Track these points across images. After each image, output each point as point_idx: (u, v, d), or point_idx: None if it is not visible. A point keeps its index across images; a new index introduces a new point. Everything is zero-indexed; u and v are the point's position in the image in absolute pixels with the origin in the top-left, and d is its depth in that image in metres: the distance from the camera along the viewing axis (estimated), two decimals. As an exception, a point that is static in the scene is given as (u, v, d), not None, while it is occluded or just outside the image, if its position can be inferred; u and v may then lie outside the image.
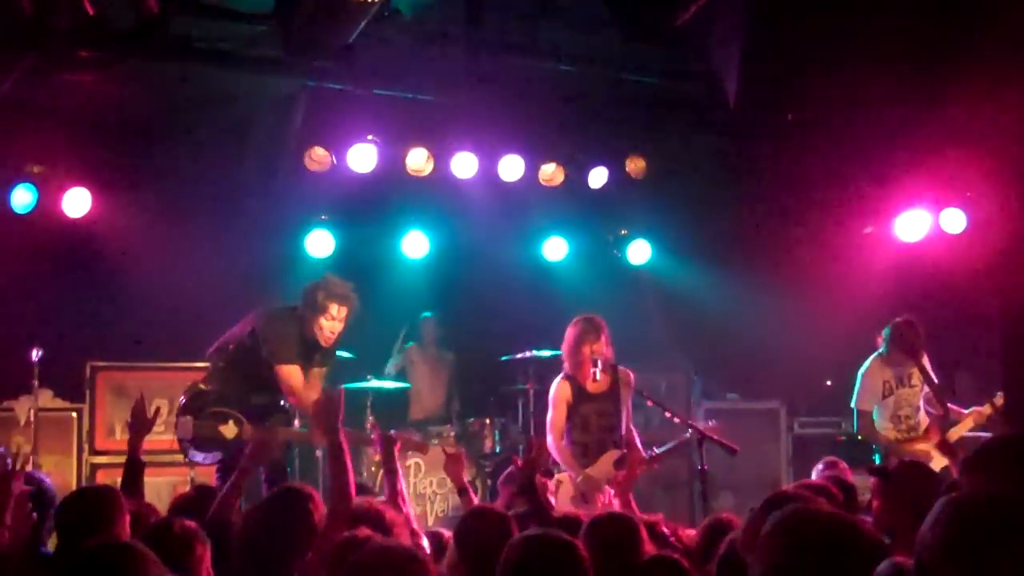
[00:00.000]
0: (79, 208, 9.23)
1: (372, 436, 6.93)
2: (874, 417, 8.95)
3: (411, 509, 6.02)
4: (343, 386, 9.67)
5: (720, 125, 9.60)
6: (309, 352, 7.87)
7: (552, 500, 7.47)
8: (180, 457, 8.07)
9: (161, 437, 8.18)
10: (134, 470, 6.13)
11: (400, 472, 6.13)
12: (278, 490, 5.14)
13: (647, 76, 9.17)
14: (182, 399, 7.86)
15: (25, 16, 6.68)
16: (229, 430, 7.80)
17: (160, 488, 8.99)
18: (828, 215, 10.80)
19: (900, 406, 8.93)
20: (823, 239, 10.92)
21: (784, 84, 8.84)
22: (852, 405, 9.09)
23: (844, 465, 7.62)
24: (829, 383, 11.45)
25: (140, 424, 6.32)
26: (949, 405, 8.87)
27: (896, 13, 8.28)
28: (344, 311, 7.83)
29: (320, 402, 5.35)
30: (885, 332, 8.96)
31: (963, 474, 4.04)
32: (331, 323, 7.81)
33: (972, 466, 3.96)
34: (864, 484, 6.39)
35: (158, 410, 6.46)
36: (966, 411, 8.85)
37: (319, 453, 9.36)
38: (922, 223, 10.48)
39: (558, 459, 8.09)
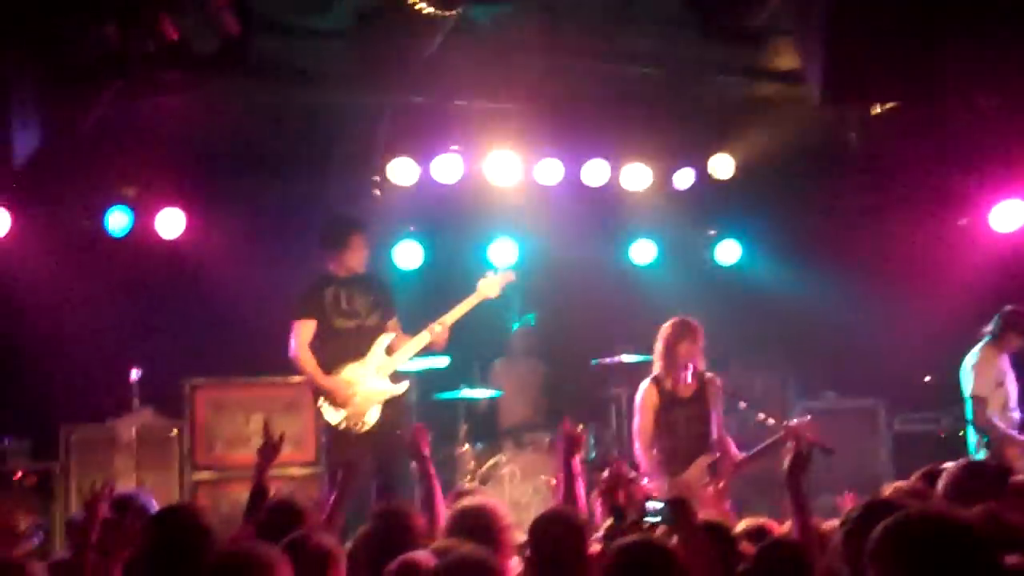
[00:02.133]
0: (173, 229, 9.45)
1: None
2: None
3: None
4: (436, 396, 9.82)
5: (806, 122, 9.49)
6: (354, 295, 8.22)
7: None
8: (281, 471, 8.31)
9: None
10: (261, 496, 5.85)
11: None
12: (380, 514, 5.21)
13: (729, 75, 9.10)
14: None
15: (111, 45, 6.82)
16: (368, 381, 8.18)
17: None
18: (920, 208, 10.63)
19: (1009, 397, 8.77)
20: (916, 233, 10.73)
21: (869, 77, 8.69)
22: (969, 394, 8.90)
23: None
24: (928, 378, 11.24)
25: (269, 449, 6.09)
26: None
27: (981, 7, 8.11)
28: (362, 240, 8.27)
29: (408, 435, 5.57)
30: (995, 320, 8.79)
31: None
32: (356, 253, 8.23)
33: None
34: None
35: (283, 435, 6.27)
36: None
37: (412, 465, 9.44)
38: (1017, 213, 10.25)
39: (644, 467, 7.99)
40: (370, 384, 8.21)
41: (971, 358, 8.95)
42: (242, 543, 4.83)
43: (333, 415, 8.17)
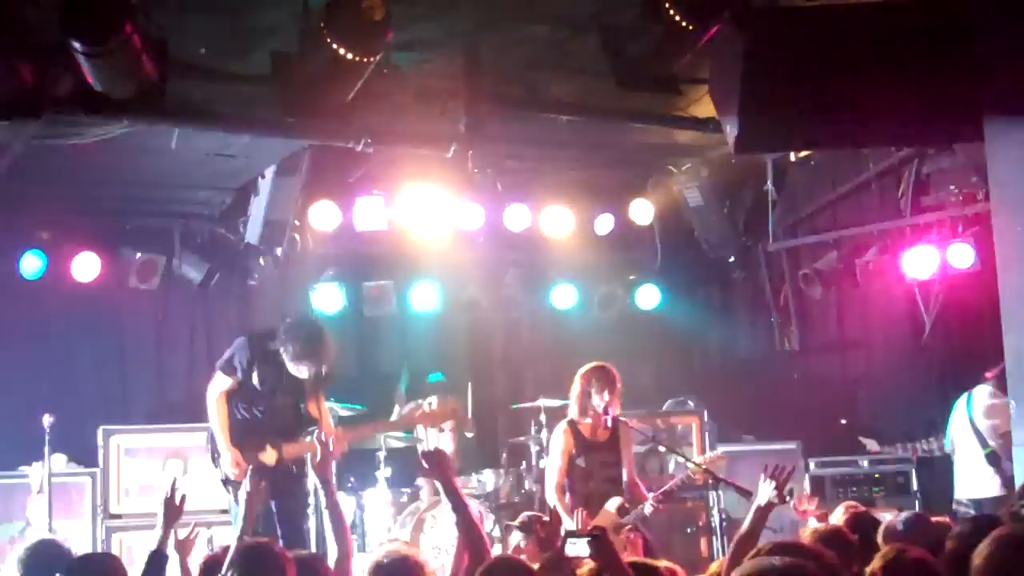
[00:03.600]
0: (88, 273, 9.31)
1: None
2: None
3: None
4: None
5: (723, 168, 9.63)
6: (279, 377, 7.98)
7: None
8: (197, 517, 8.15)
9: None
10: (159, 564, 5.56)
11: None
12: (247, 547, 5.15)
13: (647, 123, 9.20)
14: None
15: (26, 86, 6.74)
16: (268, 456, 7.92)
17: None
18: (836, 253, 10.78)
19: None
20: (831, 276, 10.89)
21: (784, 126, 8.84)
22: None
23: (861, 508, 7.57)
24: (844, 421, 11.39)
25: (171, 512, 5.81)
26: None
27: (900, 53, 8.28)
28: (306, 370, 7.91)
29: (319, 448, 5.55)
30: None
31: None
32: (297, 369, 7.93)
33: None
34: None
35: (184, 497, 6.00)
36: None
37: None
38: (929, 259, 10.44)
39: (557, 509, 8.01)
40: (268, 461, 8.09)
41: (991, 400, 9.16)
42: None
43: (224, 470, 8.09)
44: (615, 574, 4.57)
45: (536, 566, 5.33)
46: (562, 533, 6.08)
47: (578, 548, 4.75)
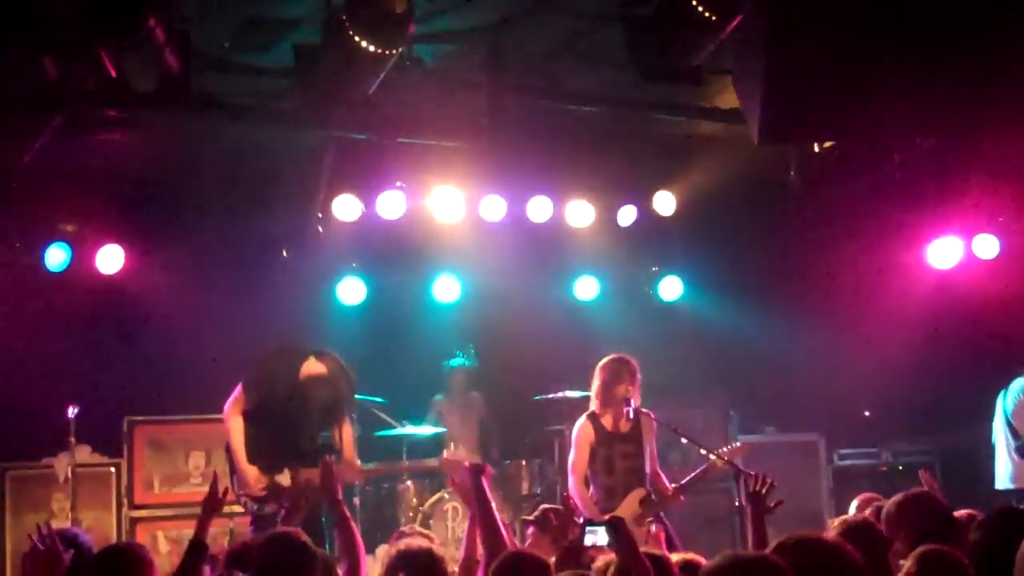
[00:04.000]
0: (113, 265, 9.36)
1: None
2: None
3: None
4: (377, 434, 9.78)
5: (746, 159, 9.58)
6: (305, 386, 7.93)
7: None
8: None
9: (198, 489, 8.23)
10: (198, 553, 5.56)
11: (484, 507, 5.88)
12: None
13: (670, 114, 9.18)
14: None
15: (51, 80, 6.77)
16: (284, 478, 7.88)
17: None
18: (860, 245, 10.75)
19: None
20: (855, 269, 10.86)
21: (808, 117, 8.80)
22: None
23: (881, 498, 7.55)
24: (867, 413, 11.35)
25: (213, 504, 5.90)
26: None
27: (923, 43, 8.24)
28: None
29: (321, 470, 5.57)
30: None
31: None
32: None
33: None
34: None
35: (227, 490, 6.18)
36: None
37: (356, 500, 9.39)
38: (954, 250, 10.39)
39: (578, 502, 7.98)
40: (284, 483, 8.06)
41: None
42: None
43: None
44: (634, 563, 4.57)
45: (553, 559, 5.35)
46: (581, 523, 6.14)
47: (597, 537, 4.77)
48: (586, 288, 11.12)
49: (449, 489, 9.80)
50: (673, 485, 8.29)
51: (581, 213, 10.11)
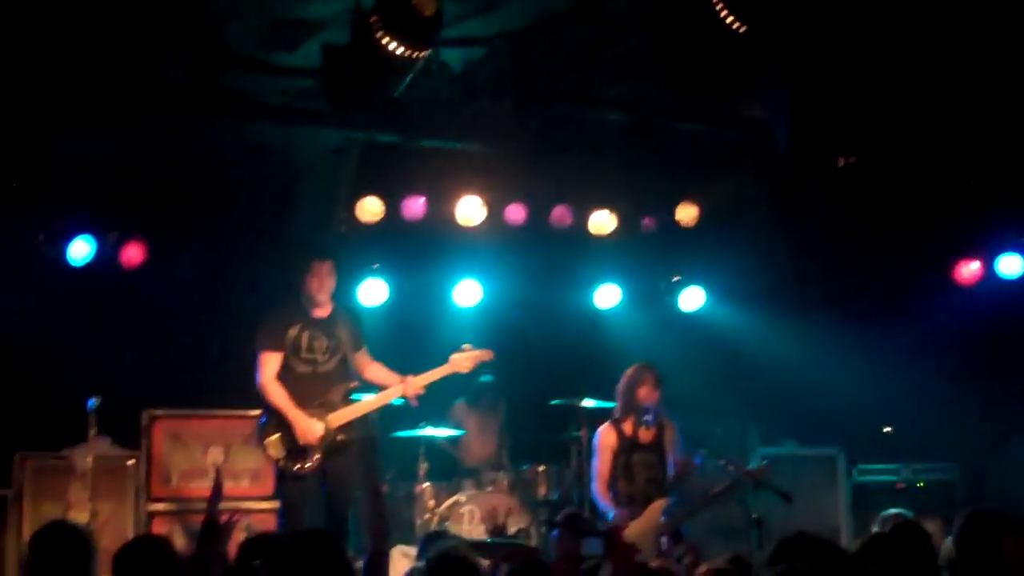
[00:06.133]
0: (135, 259, 9.40)
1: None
2: None
3: None
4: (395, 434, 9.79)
5: (770, 171, 9.58)
6: (315, 338, 8.08)
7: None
8: (237, 504, 8.26)
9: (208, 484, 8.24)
10: (212, 532, 5.55)
11: None
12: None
13: (696, 124, 9.18)
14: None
15: (78, 72, 6.83)
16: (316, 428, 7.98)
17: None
18: (883, 259, 10.71)
19: None
20: (879, 284, 10.82)
21: (835, 129, 8.79)
22: None
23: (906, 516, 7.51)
24: (888, 429, 11.29)
25: (219, 489, 5.94)
26: None
27: (947, 57, 8.23)
28: (327, 266, 8.10)
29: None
30: None
31: None
32: (316, 280, 8.08)
33: None
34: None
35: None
36: None
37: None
38: (979, 268, 10.35)
39: (602, 507, 8.06)
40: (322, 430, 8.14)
41: None
42: None
43: (277, 451, 8.12)
44: (627, 573, 4.58)
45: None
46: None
47: (593, 546, 4.79)
48: (607, 296, 11.11)
49: (468, 492, 9.81)
50: (698, 498, 8.32)
51: (603, 221, 10.11)
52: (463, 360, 8.56)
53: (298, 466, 7.99)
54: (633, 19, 7.73)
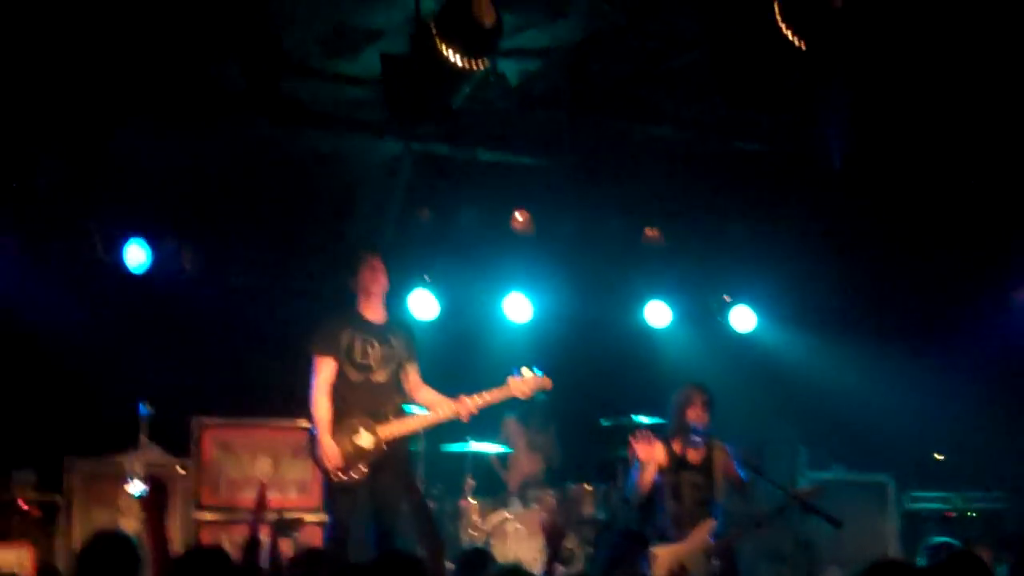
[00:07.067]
0: (191, 266, 9.46)
1: None
2: None
3: None
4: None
5: (827, 189, 9.52)
6: (368, 345, 7.92)
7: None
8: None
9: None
10: (254, 549, 5.54)
11: None
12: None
13: (752, 141, 9.14)
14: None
15: (139, 77, 6.89)
16: (365, 439, 7.82)
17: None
18: (937, 283, 10.60)
19: None
20: (932, 307, 10.71)
21: (893, 146, 8.74)
22: None
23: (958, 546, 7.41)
24: (940, 456, 11.14)
25: (262, 503, 6.05)
26: None
27: (1008, 82, 8.15)
28: (378, 258, 7.97)
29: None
30: None
31: None
32: (368, 274, 7.93)
33: None
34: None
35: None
36: None
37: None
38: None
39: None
40: (366, 444, 8.02)
41: None
42: None
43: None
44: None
45: None
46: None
47: None
48: (658, 314, 11.06)
49: (514, 509, 9.76)
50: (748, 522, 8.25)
51: (656, 237, 10.08)
52: (522, 385, 8.33)
53: (347, 477, 7.85)
54: (690, 34, 7.70)
